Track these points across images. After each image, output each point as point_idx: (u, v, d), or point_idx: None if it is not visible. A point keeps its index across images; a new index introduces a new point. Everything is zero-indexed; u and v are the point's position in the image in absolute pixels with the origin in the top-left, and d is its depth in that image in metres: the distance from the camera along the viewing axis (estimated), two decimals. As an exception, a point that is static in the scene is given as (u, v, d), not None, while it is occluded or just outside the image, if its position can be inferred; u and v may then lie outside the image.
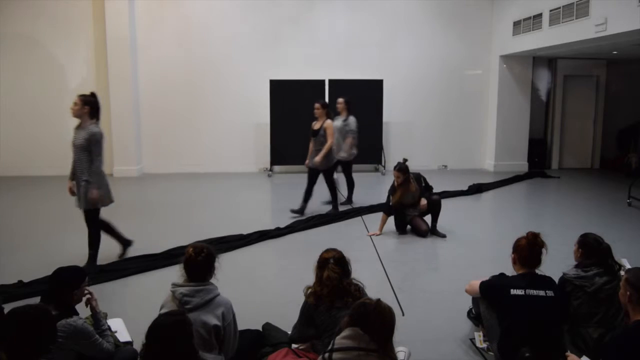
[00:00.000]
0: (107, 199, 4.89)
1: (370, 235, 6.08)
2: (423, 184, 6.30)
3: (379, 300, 2.39)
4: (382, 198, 7.90)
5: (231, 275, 4.51)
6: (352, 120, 7.62)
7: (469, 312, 3.77)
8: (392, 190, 6.08)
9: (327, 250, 3.20)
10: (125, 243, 5.34)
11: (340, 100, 7.71)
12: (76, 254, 5.43)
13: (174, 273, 2.96)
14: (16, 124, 10.40)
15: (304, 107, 10.44)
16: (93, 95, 4.85)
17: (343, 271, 3.05)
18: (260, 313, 3.72)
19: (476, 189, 8.75)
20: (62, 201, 7.93)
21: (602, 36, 7.25)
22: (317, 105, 7.08)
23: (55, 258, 5.03)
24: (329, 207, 7.29)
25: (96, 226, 4.92)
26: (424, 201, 6.20)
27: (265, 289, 4.47)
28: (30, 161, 10.44)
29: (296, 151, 10.55)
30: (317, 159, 6.88)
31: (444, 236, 6.01)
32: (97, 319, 2.92)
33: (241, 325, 3.04)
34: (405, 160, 6.18)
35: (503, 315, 3.06)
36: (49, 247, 5.74)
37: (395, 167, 6.05)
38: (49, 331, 2.29)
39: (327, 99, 10.48)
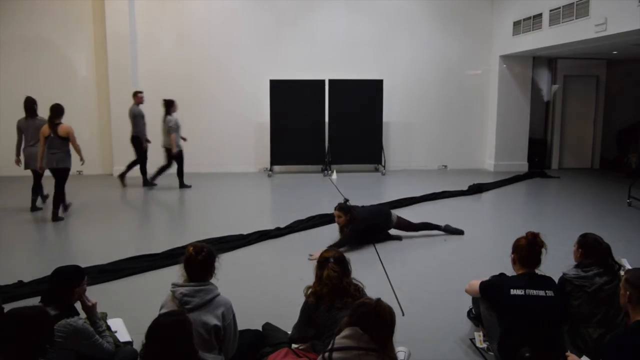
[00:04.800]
0: None
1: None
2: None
3: (379, 300, 2.39)
4: (381, 198, 7.92)
5: (231, 275, 4.50)
6: None
7: (469, 312, 3.77)
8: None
9: (327, 250, 3.21)
10: None
11: None
12: (76, 253, 5.44)
13: (174, 273, 2.96)
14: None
15: (304, 107, 10.50)
16: None
17: (343, 270, 3.06)
18: (260, 313, 3.71)
19: (476, 189, 8.75)
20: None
21: (602, 36, 7.25)
22: None
23: (56, 258, 5.05)
24: None
25: None
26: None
27: (265, 289, 4.47)
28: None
29: (296, 151, 10.60)
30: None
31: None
32: (94, 320, 2.91)
33: (241, 325, 3.03)
34: (346, 200, 5.74)
35: (503, 315, 3.06)
36: (49, 247, 5.73)
37: (341, 210, 5.49)
38: (47, 332, 2.29)
39: (327, 99, 10.52)
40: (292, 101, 10.37)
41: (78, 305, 2.90)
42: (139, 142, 8.93)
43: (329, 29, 10.80)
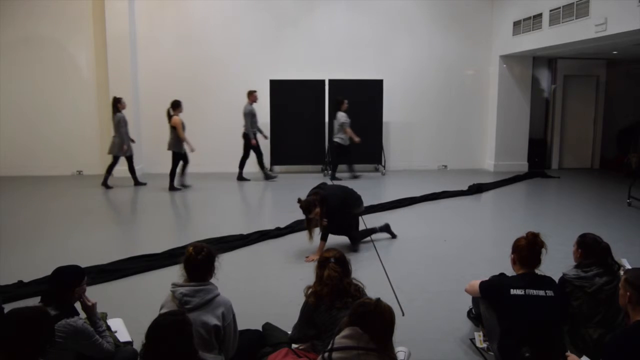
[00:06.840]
0: None
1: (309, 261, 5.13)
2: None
3: (378, 300, 2.39)
4: (381, 198, 7.92)
5: (231, 275, 4.51)
6: None
7: (469, 312, 3.77)
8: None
9: (328, 250, 3.22)
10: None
11: None
12: (76, 253, 5.43)
13: (174, 273, 2.96)
14: (17, 124, 10.40)
15: (304, 107, 10.50)
16: None
17: (343, 270, 3.06)
18: (260, 313, 3.72)
19: (476, 189, 8.75)
20: (63, 202, 7.94)
21: (602, 36, 7.25)
22: None
23: (56, 258, 5.05)
24: None
25: None
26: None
27: (265, 289, 4.47)
28: (31, 161, 10.45)
29: (296, 151, 10.60)
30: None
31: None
32: (94, 320, 2.92)
33: (241, 325, 3.03)
34: (300, 199, 5.12)
35: (503, 315, 3.05)
36: (49, 247, 5.74)
37: (312, 206, 4.97)
38: (47, 332, 2.30)
39: (327, 99, 10.53)
40: (292, 101, 10.38)
41: (78, 306, 2.90)
42: (248, 139, 9.55)
43: (329, 29, 10.80)
